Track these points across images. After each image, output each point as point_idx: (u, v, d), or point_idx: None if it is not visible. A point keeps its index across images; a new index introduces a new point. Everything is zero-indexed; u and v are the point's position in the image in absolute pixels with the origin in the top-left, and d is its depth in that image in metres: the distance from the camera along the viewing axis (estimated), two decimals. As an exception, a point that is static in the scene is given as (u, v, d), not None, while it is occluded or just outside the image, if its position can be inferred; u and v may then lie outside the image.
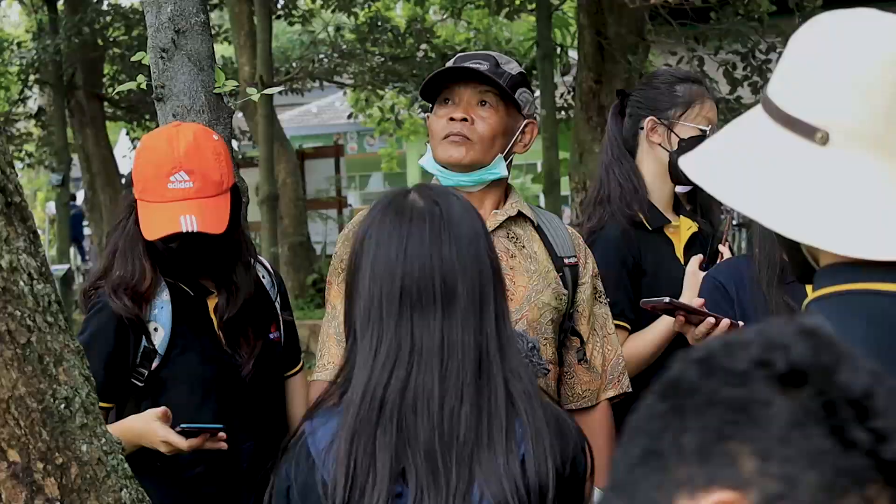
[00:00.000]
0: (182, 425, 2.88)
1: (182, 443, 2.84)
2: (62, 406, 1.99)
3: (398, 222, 2.04)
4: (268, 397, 3.22)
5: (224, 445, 2.92)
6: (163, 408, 2.90)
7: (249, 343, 3.13)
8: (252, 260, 3.23)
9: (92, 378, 2.10)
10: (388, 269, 2.00)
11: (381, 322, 2.00)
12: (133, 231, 3.05)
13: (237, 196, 3.15)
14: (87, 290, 3.19)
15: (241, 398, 3.11)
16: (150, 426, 2.89)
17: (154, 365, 3.07)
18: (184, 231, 2.91)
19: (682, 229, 3.64)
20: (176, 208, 2.94)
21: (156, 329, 3.08)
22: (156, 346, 3.07)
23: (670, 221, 3.63)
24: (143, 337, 3.06)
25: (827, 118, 1.58)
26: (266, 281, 3.29)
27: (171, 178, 2.95)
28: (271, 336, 3.22)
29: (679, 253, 3.60)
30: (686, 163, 1.71)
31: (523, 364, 2.10)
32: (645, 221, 3.60)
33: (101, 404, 2.86)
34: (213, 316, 3.15)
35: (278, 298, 3.33)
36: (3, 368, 1.91)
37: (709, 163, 1.68)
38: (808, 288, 3.17)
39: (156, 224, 2.96)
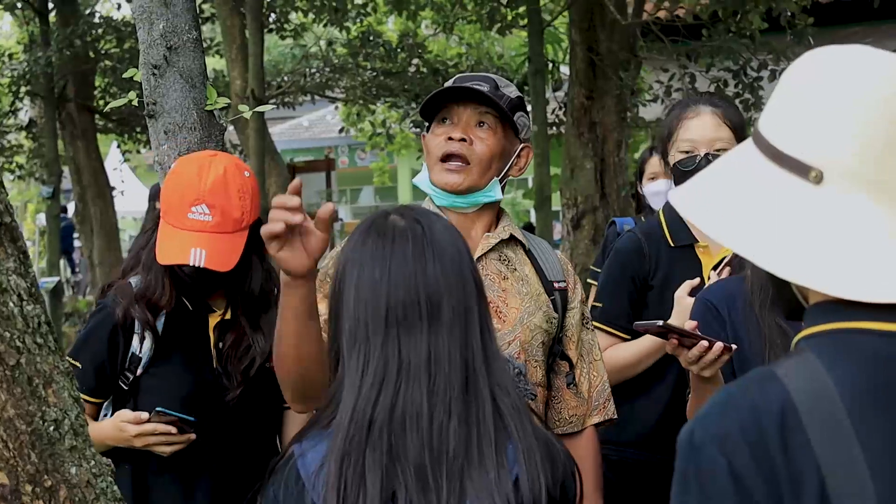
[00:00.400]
0: (158, 408, 2.99)
1: (154, 427, 2.97)
2: (51, 428, 1.98)
3: (381, 243, 2.04)
4: (254, 423, 3.23)
5: (192, 437, 3.03)
6: (135, 413, 3.02)
7: (242, 368, 3.15)
8: (276, 291, 3.26)
9: (81, 399, 2.09)
10: (373, 290, 2.00)
11: (368, 342, 1.99)
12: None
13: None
14: (103, 288, 3.34)
15: (221, 419, 3.14)
16: (119, 427, 3.03)
17: (139, 371, 3.15)
18: (191, 264, 3.00)
19: (721, 250, 3.63)
20: (190, 239, 3.02)
21: (143, 338, 3.15)
22: (140, 354, 3.15)
23: (697, 241, 3.65)
24: (137, 342, 3.15)
25: (821, 156, 1.57)
26: None
27: (193, 208, 3.03)
28: (269, 364, 3.22)
29: (706, 273, 3.61)
30: (676, 196, 1.70)
31: (510, 379, 2.10)
32: (668, 237, 3.67)
33: (91, 399, 3.07)
34: (211, 334, 3.18)
35: None
36: (-8, 390, 1.90)
37: (700, 197, 1.67)
38: None
39: (168, 250, 3.05)
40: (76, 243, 23.23)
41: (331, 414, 2.01)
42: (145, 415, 3.00)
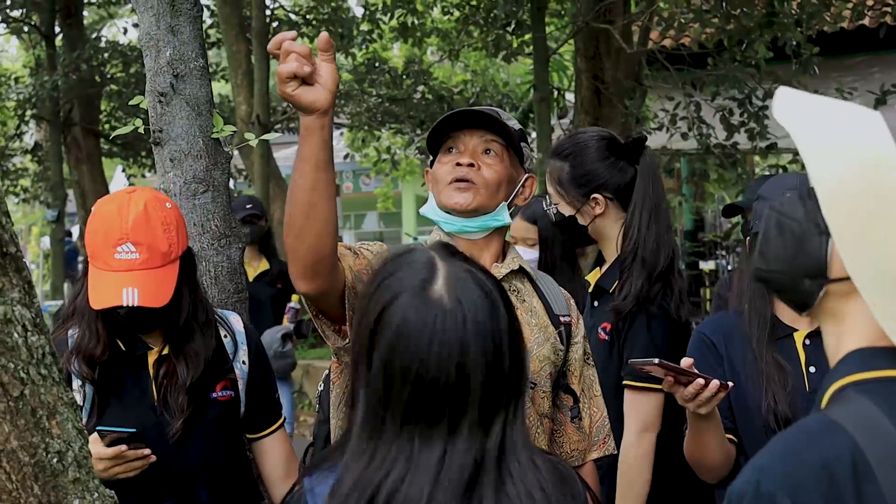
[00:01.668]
0: (98, 427, 2.92)
1: (105, 451, 2.89)
2: (55, 460, 1.96)
3: (424, 316, 1.86)
4: (207, 456, 3.18)
5: (148, 455, 2.96)
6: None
7: (180, 400, 3.11)
8: (208, 320, 3.22)
9: (85, 431, 2.07)
10: (405, 368, 1.84)
11: (386, 420, 1.86)
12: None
13: (190, 261, 3.16)
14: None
15: (168, 456, 3.05)
16: None
17: (84, 419, 3.07)
18: (124, 304, 2.94)
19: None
20: (120, 279, 2.97)
21: (80, 385, 3.10)
22: (81, 405, 3.09)
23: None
24: (77, 395, 3.08)
25: None
26: (227, 341, 3.27)
27: (119, 248, 2.98)
28: (216, 395, 3.19)
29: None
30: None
31: (531, 467, 1.97)
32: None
33: None
34: (151, 371, 3.14)
35: (246, 358, 3.30)
36: (-4, 421, 1.89)
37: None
38: (798, 344, 3.17)
39: (100, 294, 2.99)
40: (80, 267, 23.24)
41: (340, 455, 1.95)
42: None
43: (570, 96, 12.13)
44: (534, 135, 10.22)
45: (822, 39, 9.87)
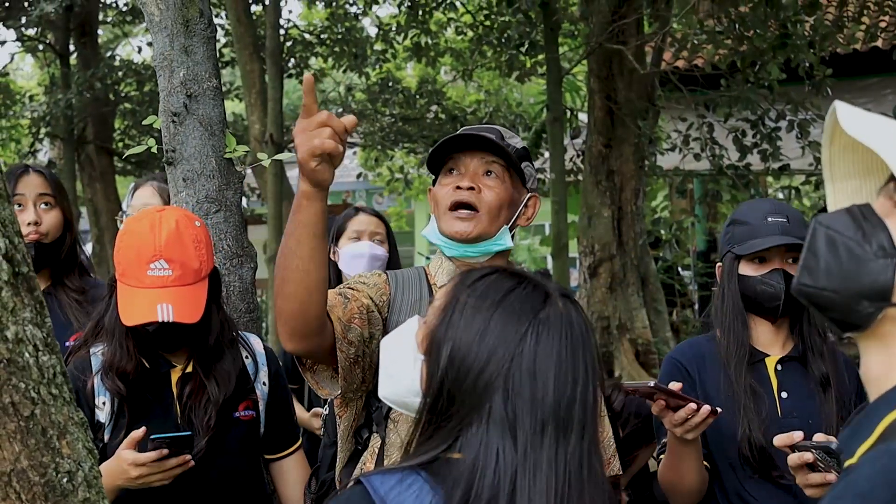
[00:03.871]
0: (152, 436, 2.91)
1: (146, 456, 2.88)
2: (64, 480, 1.96)
3: (558, 342, 1.87)
4: (228, 474, 3.19)
5: (190, 462, 2.96)
6: (136, 431, 2.95)
7: (206, 419, 3.11)
8: (234, 339, 3.23)
9: (95, 451, 2.07)
10: (545, 395, 1.83)
11: (523, 442, 1.81)
12: (117, 311, 3.08)
13: (216, 280, 3.18)
14: (66, 358, 3.22)
15: (190, 473, 3.03)
16: (119, 455, 2.94)
17: (107, 437, 3.10)
18: (159, 320, 2.96)
19: None
20: (154, 295, 2.98)
21: (104, 403, 3.11)
22: (101, 420, 3.10)
23: None
24: (99, 410, 3.11)
25: None
26: (248, 362, 3.28)
27: (151, 265, 3.00)
28: (238, 414, 3.20)
29: None
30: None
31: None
32: None
33: None
34: (174, 389, 3.15)
35: (266, 379, 3.31)
36: (6, 441, 1.89)
37: None
38: (770, 370, 3.18)
39: (134, 310, 3.00)
40: (93, 284, 23.25)
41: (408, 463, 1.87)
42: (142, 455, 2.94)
43: (583, 116, 12.14)
44: (546, 155, 10.22)
45: (835, 61, 9.87)
